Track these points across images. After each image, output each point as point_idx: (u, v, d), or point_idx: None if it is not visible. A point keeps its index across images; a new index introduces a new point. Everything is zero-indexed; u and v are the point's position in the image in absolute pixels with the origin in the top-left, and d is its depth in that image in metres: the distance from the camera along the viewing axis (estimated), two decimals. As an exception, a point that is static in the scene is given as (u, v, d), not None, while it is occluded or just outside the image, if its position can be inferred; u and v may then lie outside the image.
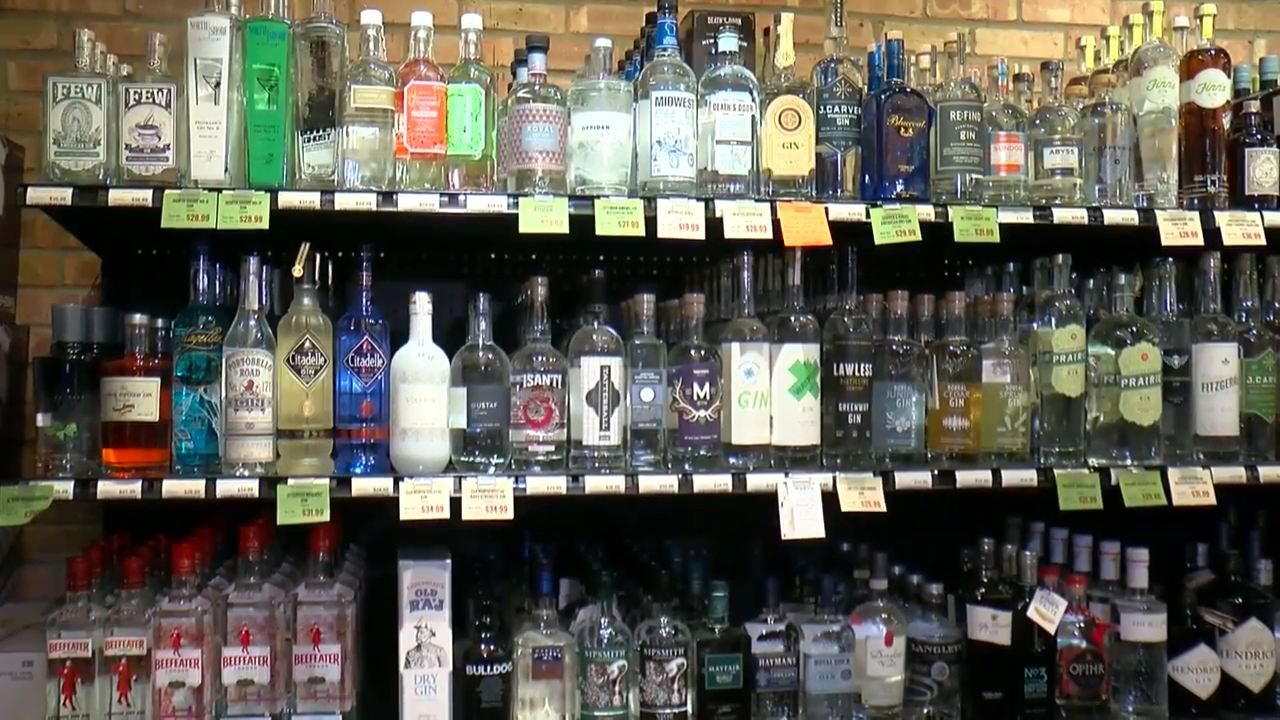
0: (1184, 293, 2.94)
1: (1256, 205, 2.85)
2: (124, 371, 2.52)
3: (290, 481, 2.47)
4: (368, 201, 2.51)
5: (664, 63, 2.66)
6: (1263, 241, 2.79)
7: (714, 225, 2.58)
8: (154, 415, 2.51)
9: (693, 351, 2.64)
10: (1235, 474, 2.79)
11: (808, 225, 2.58)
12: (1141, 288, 2.96)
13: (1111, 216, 2.76)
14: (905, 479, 2.66)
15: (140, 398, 2.50)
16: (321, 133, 2.57)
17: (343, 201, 2.50)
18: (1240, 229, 2.79)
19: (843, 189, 2.71)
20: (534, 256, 3.31)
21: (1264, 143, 2.87)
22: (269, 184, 2.50)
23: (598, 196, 2.58)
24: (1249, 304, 2.93)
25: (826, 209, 2.62)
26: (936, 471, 2.69)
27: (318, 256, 2.72)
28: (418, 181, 2.59)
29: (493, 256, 3.34)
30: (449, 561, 2.64)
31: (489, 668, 2.58)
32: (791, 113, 2.66)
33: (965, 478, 2.69)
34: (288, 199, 2.48)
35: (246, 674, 2.54)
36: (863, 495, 2.60)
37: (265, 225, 2.45)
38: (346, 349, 2.58)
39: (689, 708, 2.65)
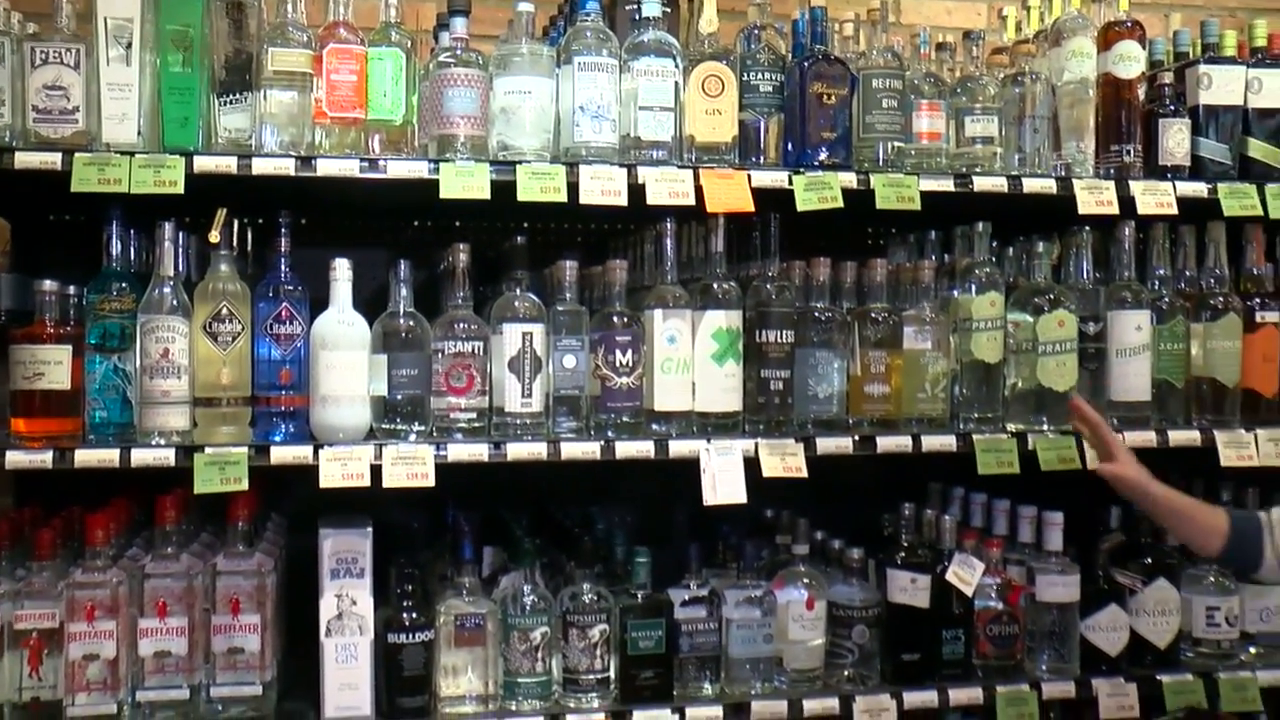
0: (1100, 261, 2.98)
1: (1169, 175, 2.90)
2: (34, 339, 2.47)
3: (208, 450, 2.44)
4: (286, 166, 2.47)
5: (587, 28, 2.64)
6: (1175, 211, 2.85)
7: (636, 191, 2.57)
8: (66, 384, 2.46)
9: (615, 318, 2.64)
10: (1147, 438, 2.84)
11: (730, 192, 2.59)
12: (1059, 256, 3.00)
13: (1030, 185, 2.79)
14: (827, 444, 2.68)
15: (51, 366, 2.45)
16: (238, 96, 2.52)
17: (260, 166, 2.46)
18: (1154, 198, 2.84)
19: (765, 156, 2.72)
20: (458, 223, 3.29)
21: (1177, 114, 2.92)
22: (184, 148, 2.45)
23: (520, 162, 2.56)
24: (1161, 272, 2.99)
25: (749, 176, 2.62)
26: (858, 437, 2.71)
27: (236, 223, 2.69)
28: (337, 146, 2.55)
29: (415, 223, 3.32)
30: (370, 530, 2.62)
31: (411, 635, 2.57)
32: (715, 79, 2.65)
33: (886, 443, 2.72)
34: (203, 163, 2.43)
35: (163, 645, 2.50)
36: (784, 461, 2.62)
37: (180, 190, 2.40)
38: (265, 316, 2.55)
39: (611, 673, 2.66)
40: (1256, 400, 2.95)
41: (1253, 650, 3.00)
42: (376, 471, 2.49)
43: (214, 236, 2.51)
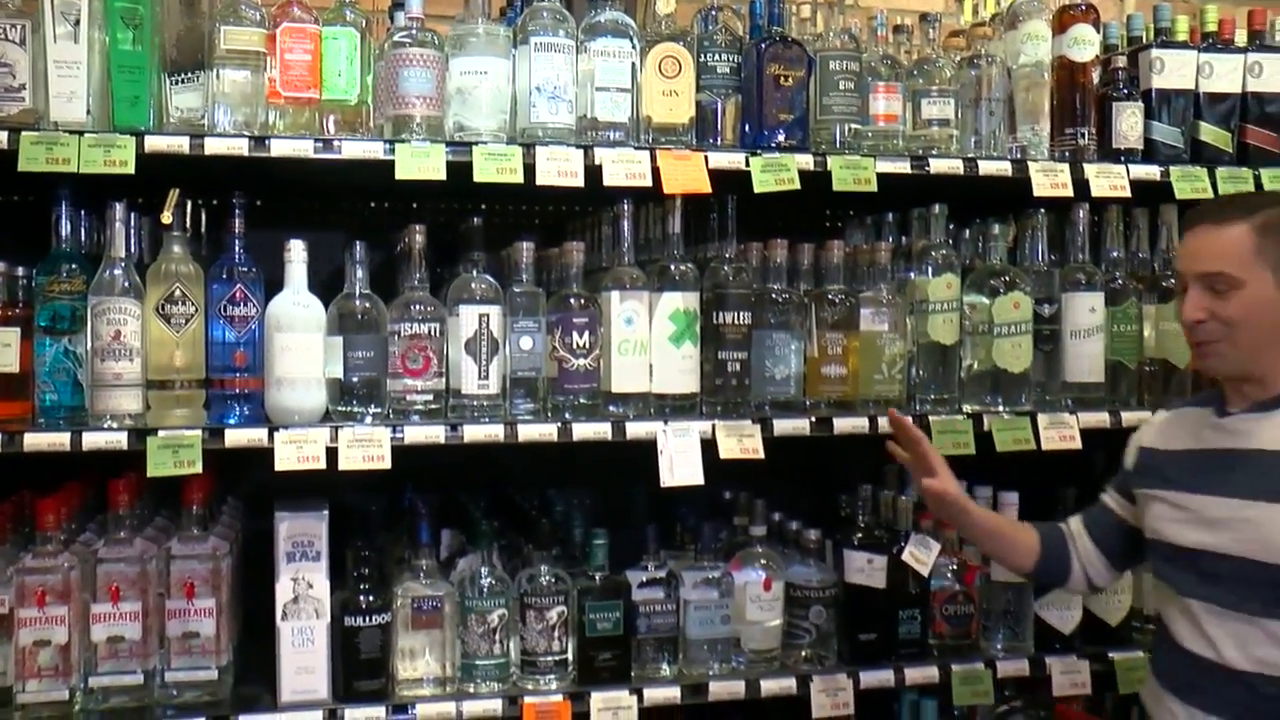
0: (1055, 243, 3.01)
1: (1123, 158, 2.92)
2: (-19, 321, 2.44)
3: (161, 433, 2.42)
4: (239, 146, 2.45)
5: (543, 8, 2.63)
6: (1128, 194, 2.87)
7: (593, 173, 2.56)
8: (14, 366, 2.43)
9: (572, 300, 2.63)
10: (1100, 419, 2.88)
11: (687, 173, 2.58)
12: (1015, 238, 3.02)
13: (986, 167, 2.81)
14: (784, 426, 2.69)
15: None
16: (190, 75, 2.49)
17: (213, 146, 2.44)
18: (1107, 181, 2.86)
19: (723, 137, 2.71)
20: (414, 205, 3.27)
21: (1130, 97, 2.94)
22: (134, 127, 2.42)
23: (476, 143, 2.55)
24: (1115, 254, 3.01)
25: (706, 157, 2.62)
26: (815, 419, 2.73)
27: (189, 204, 2.65)
28: (292, 127, 2.53)
29: (372, 205, 3.29)
30: (326, 512, 2.61)
31: (368, 618, 2.56)
32: (672, 60, 2.65)
33: (843, 425, 2.73)
34: (154, 143, 2.41)
35: (117, 631, 2.48)
36: (741, 442, 2.63)
37: (131, 170, 2.38)
38: (219, 298, 2.53)
39: (569, 655, 2.67)
40: (1207, 382, 2.97)
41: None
42: (332, 454, 2.48)
43: (166, 217, 2.48)
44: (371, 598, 2.59)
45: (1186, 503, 2.31)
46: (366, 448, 2.49)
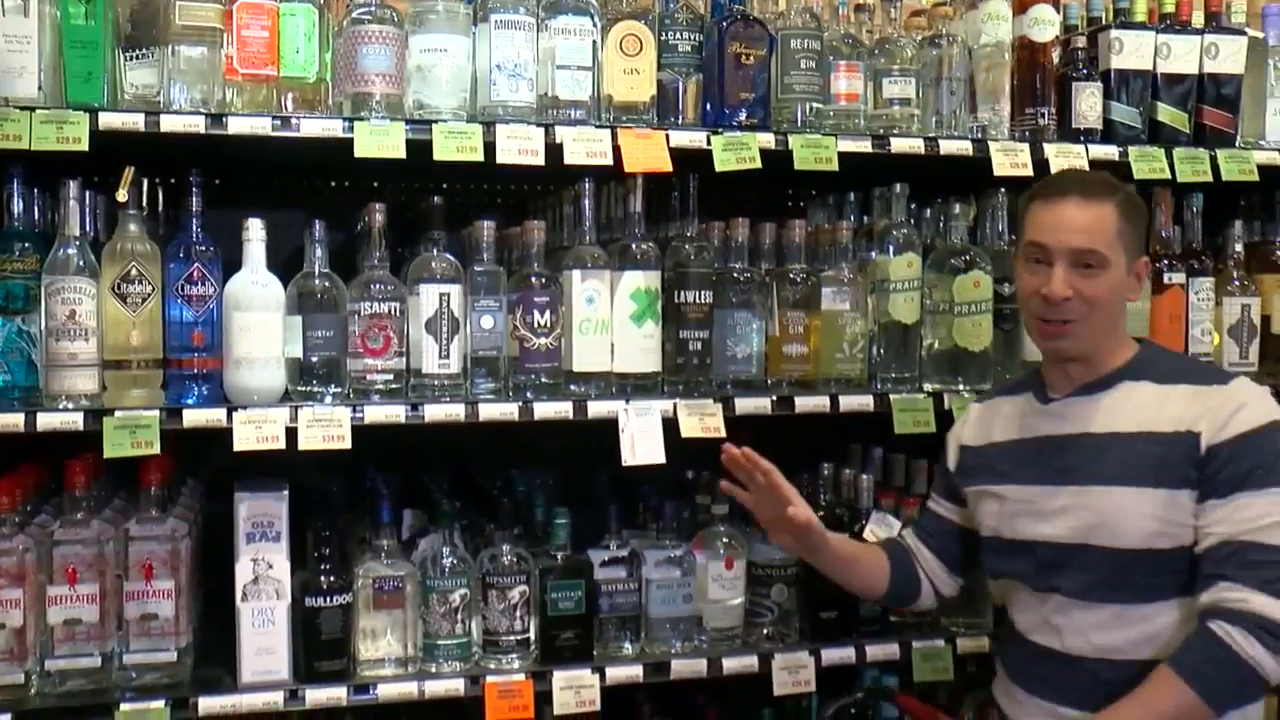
0: (1015, 223, 3.01)
1: (1082, 138, 2.94)
2: (-68, 301, 2.40)
3: (118, 413, 2.39)
4: (196, 124, 2.42)
5: (504, -15, 2.61)
6: (1088, 173, 2.89)
7: (554, 151, 2.55)
8: (-33, 346, 2.40)
9: (533, 278, 2.63)
10: (1060, 397, 2.89)
11: (648, 152, 2.58)
12: (975, 217, 3.03)
13: (947, 147, 2.82)
14: (745, 405, 2.70)
15: (-49, 328, 2.39)
16: (145, 51, 2.46)
17: (169, 123, 2.41)
18: (1067, 161, 2.87)
19: (684, 116, 2.71)
20: (375, 184, 3.25)
21: (1089, 77, 2.95)
22: (88, 104, 2.39)
23: (436, 121, 2.53)
24: (1075, 234, 3.02)
25: (667, 135, 2.62)
26: (776, 397, 2.73)
27: (146, 182, 2.62)
28: (249, 104, 2.50)
29: (332, 184, 3.27)
30: (286, 493, 2.59)
31: (329, 599, 2.55)
32: (633, 38, 2.64)
33: (804, 403, 2.74)
34: (109, 120, 2.37)
35: (74, 613, 2.45)
36: (703, 421, 2.63)
37: (85, 147, 2.35)
38: (176, 277, 2.50)
39: (532, 634, 2.67)
40: (1165, 359, 3.00)
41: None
42: (292, 434, 2.46)
43: (121, 195, 2.45)
44: (332, 578, 2.57)
45: (1021, 495, 2.30)
46: (326, 428, 2.48)
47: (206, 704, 2.47)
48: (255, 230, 2.55)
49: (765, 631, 2.83)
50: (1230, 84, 3.06)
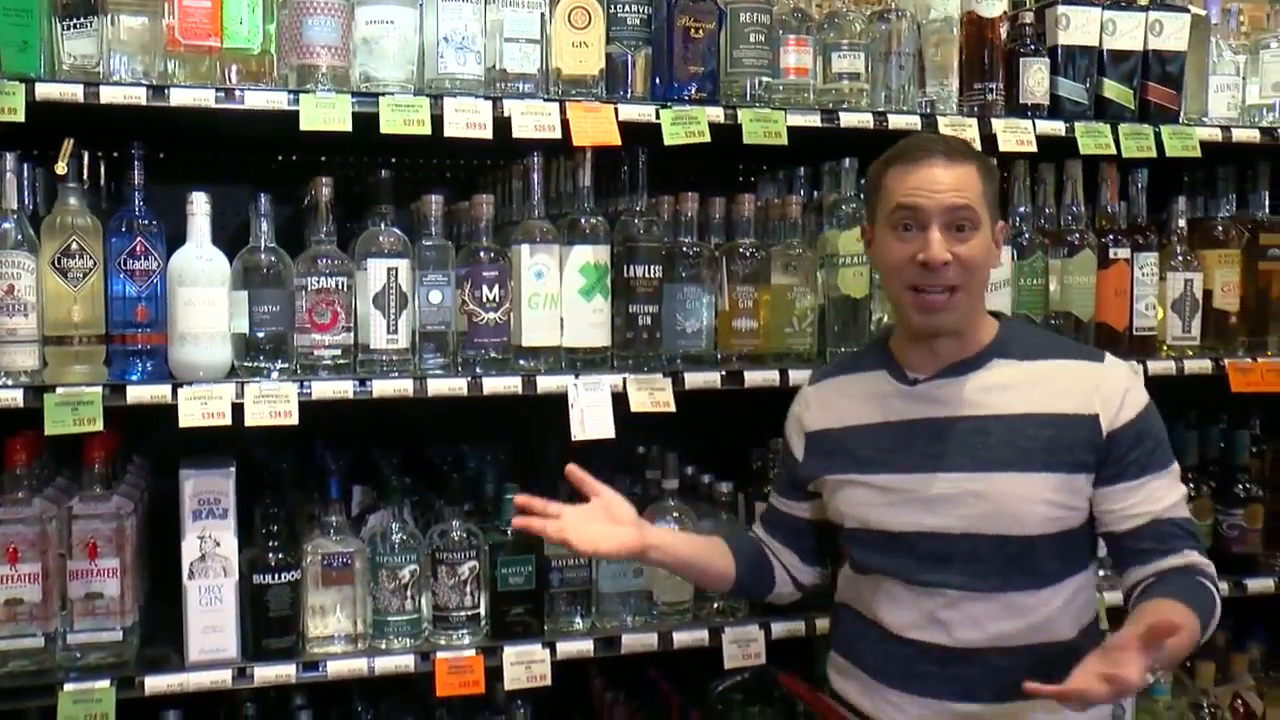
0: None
1: (1030, 114, 2.95)
2: None
3: (59, 390, 2.35)
4: (136, 95, 2.38)
5: (451, -44, 2.59)
6: (1034, 148, 2.90)
7: (502, 125, 2.54)
8: (-97, 322, 2.36)
9: (482, 253, 2.61)
10: (1006, 371, 2.92)
11: (597, 125, 2.57)
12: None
13: (896, 121, 2.82)
14: (695, 379, 2.70)
15: (-114, 304, 2.35)
16: (84, 20, 2.41)
17: (109, 95, 2.36)
18: (1014, 136, 2.89)
19: (633, 90, 2.70)
20: (323, 158, 3.22)
21: (1037, 53, 2.96)
22: (24, 74, 2.34)
23: (382, 94, 2.50)
24: (1022, 209, 3.04)
25: (616, 109, 2.60)
26: (726, 372, 2.74)
27: (86, 155, 2.59)
28: (192, 76, 2.46)
29: (279, 158, 3.23)
30: (233, 470, 2.57)
31: (276, 576, 2.53)
32: (581, 11, 2.62)
33: (754, 377, 2.75)
34: (46, 90, 2.33)
35: (15, 593, 2.42)
36: (652, 396, 2.64)
37: (21, 118, 2.30)
38: (118, 251, 2.46)
39: (482, 610, 2.67)
40: (1109, 333, 3.04)
41: (1101, 573, 3.08)
42: (238, 410, 2.44)
43: (60, 168, 2.41)
44: (280, 555, 2.56)
45: (895, 484, 2.19)
46: (273, 403, 2.46)
47: (153, 683, 2.45)
48: (199, 204, 2.52)
49: (716, 605, 2.84)
50: (1174, 61, 3.08)
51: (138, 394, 2.42)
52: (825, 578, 2.59)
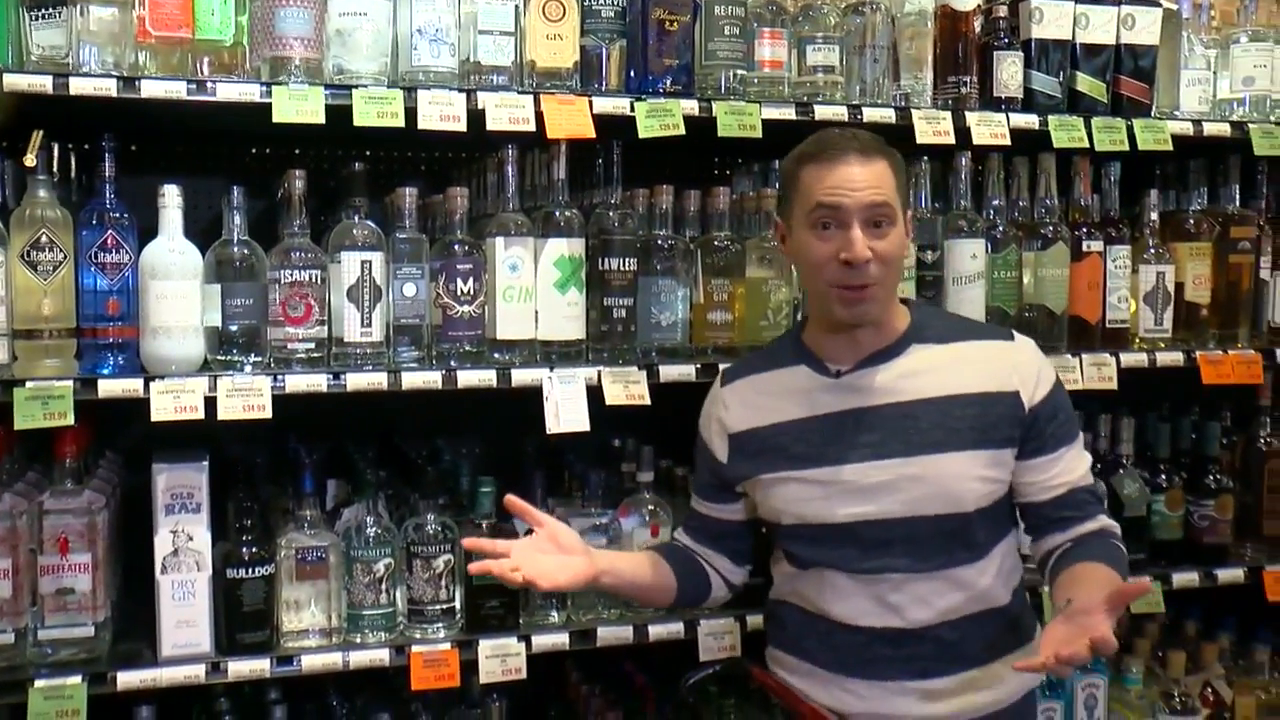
0: (938, 190, 3.04)
1: (1003, 107, 2.96)
2: None
3: (29, 384, 2.34)
4: (107, 87, 2.36)
5: (424, -52, 2.58)
6: (1008, 142, 2.91)
7: (476, 117, 2.53)
8: None
9: (456, 246, 2.61)
10: (980, 363, 2.93)
11: (571, 118, 2.56)
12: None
13: (870, 114, 2.83)
14: (670, 372, 2.70)
15: None
16: (52, 11, 2.39)
17: (79, 86, 2.34)
18: (988, 129, 2.90)
19: (608, 83, 2.69)
20: (297, 151, 3.20)
21: (1011, 46, 2.98)
22: (-9, 65, 2.33)
23: (356, 86, 2.49)
24: (997, 202, 3.06)
25: (591, 102, 2.60)
26: (700, 364, 2.74)
27: (56, 147, 2.57)
28: (163, 68, 2.44)
29: (252, 150, 3.21)
30: (206, 463, 2.56)
31: (250, 570, 2.52)
32: (555, 4, 2.62)
33: (728, 370, 2.75)
34: (14, 81, 2.30)
35: (-14, 588, 2.42)
36: (627, 389, 2.64)
37: (-11, 110, 2.29)
38: (89, 244, 2.44)
39: (457, 603, 2.66)
40: (1082, 326, 3.06)
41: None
42: (211, 404, 2.42)
43: (29, 160, 2.39)
44: (254, 549, 2.55)
45: (830, 476, 2.21)
46: (246, 397, 2.45)
47: (125, 678, 2.44)
48: (171, 196, 2.50)
49: (691, 598, 2.85)
50: (1146, 55, 3.10)
51: (109, 388, 2.40)
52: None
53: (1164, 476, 3.24)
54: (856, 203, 2.13)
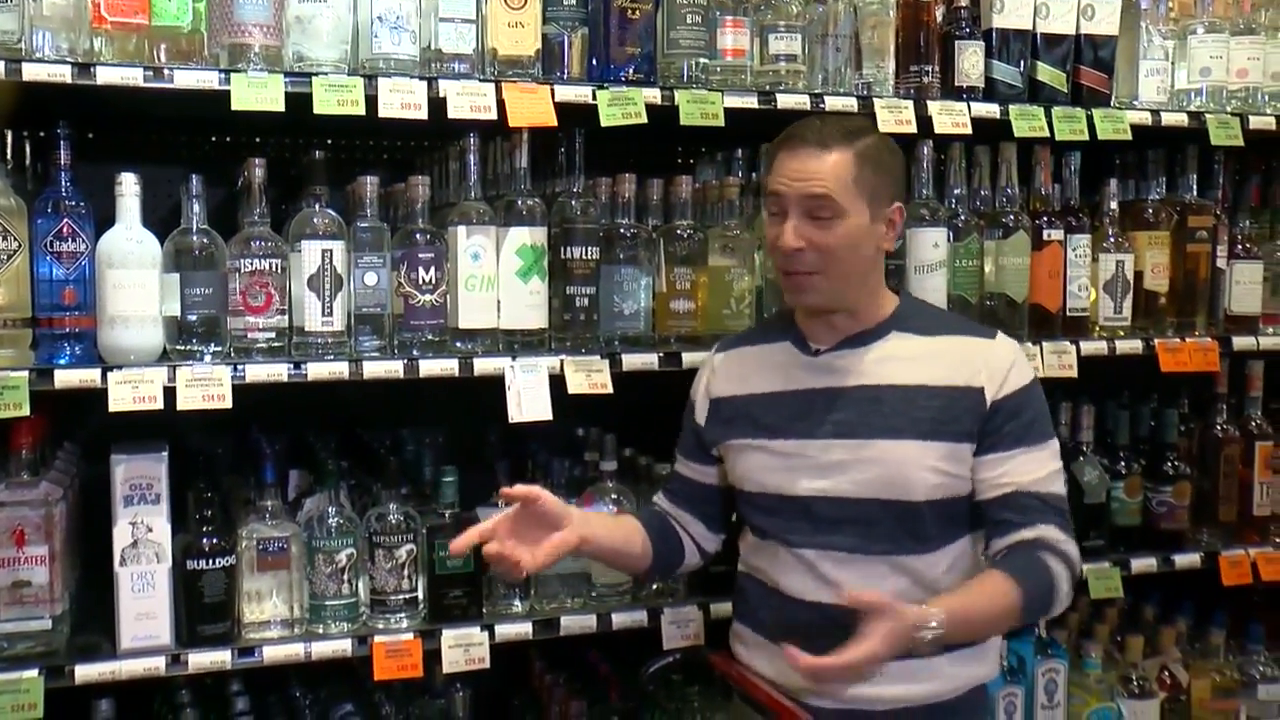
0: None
1: (965, 96, 2.97)
2: None
3: (-17, 375, 2.32)
4: (61, 73, 2.33)
5: (384, -65, 2.56)
6: (969, 131, 2.93)
7: (437, 105, 2.52)
8: None
9: (418, 235, 2.59)
10: (942, 352, 2.94)
11: (533, 106, 2.56)
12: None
13: (832, 103, 2.83)
14: (632, 361, 2.70)
15: None
16: (3, -4, 2.36)
17: (32, 72, 2.31)
18: (950, 118, 2.91)
19: (570, 71, 2.68)
20: (257, 139, 3.18)
21: (972, 36, 2.98)
22: (-59, 51, 2.29)
23: (316, 74, 2.47)
24: (958, 191, 3.07)
25: (553, 90, 2.59)
26: (663, 353, 2.74)
27: (10, 134, 2.54)
28: (119, 55, 2.41)
29: (212, 139, 3.18)
30: (165, 454, 2.53)
31: (211, 561, 2.51)
32: (517, -9, 2.61)
33: (691, 358, 2.74)
34: (-35, 68, 2.28)
35: (-59, 581, 2.39)
36: (590, 378, 2.63)
37: (-62, 97, 2.26)
38: (44, 233, 2.42)
39: (420, 593, 2.66)
40: (1043, 314, 3.08)
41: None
42: (170, 394, 2.40)
43: (-17, 148, 2.36)
44: (215, 540, 2.53)
45: (792, 449, 2.27)
46: (206, 387, 2.43)
47: (83, 671, 2.42)
48: (129, 185, 2.48)
49: (654, 586, 2.85)
50: (1106, 45, 3.12)
51: (66, 378, 2.37)
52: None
53: (1123, 463, 3.27)
54: (795, 193, 2.18)
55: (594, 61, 2.72)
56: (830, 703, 2.25)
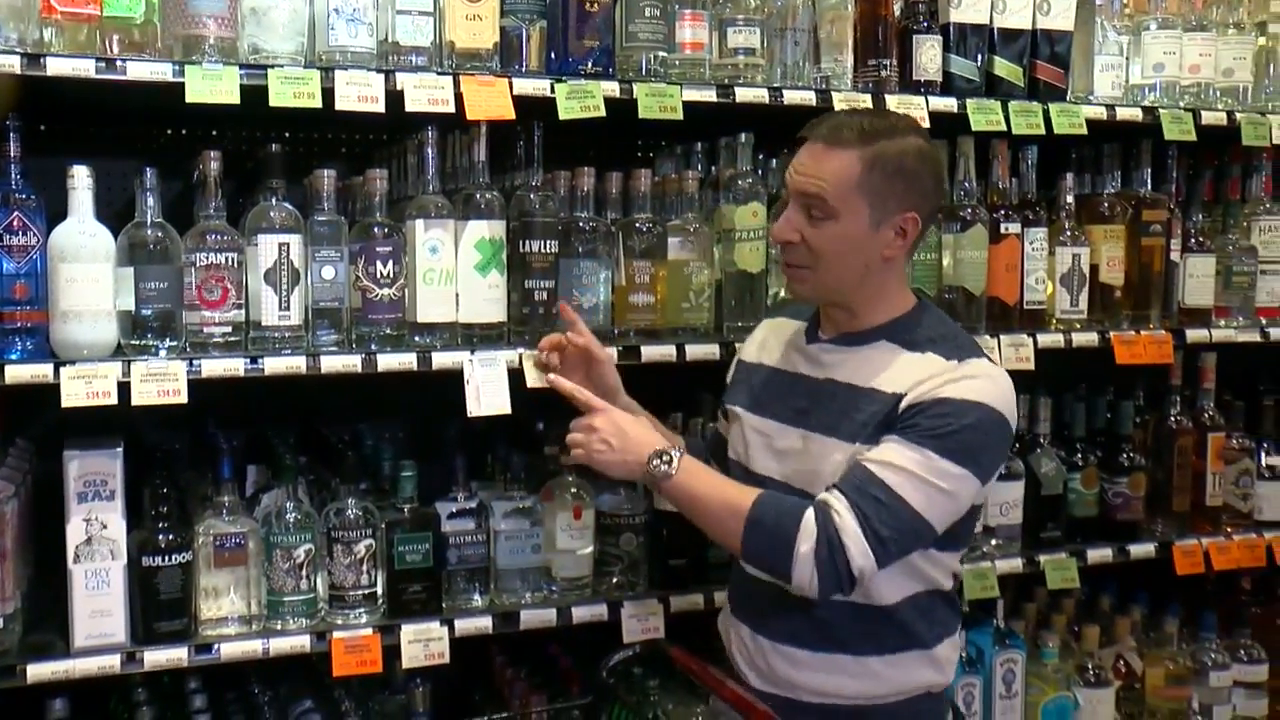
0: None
1: (923, 90, 2.99)
2: None
3: (-68, 370, 2.29)
4: (10, 64, 2.29)
5: (340, -75, 2.54)
6: (927, 124, 2.90)
7: (395, 98, 2.50)
8: None
9: (376, 229, 2.58)
10: (900, 345, 2.96)
11: (491, 99, 2.55)
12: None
13: (791, 97, 2.84)
14: (591, 354, 2.70)
15: None
16: (-51, -14, 2.33)
17: (-21, 62, 2.29)
18: (908, 112, 2.91)
19: (528, 64, 2.67)
20: (213, 132, 3.15)
21: (930, 30, 3.00)
22: (-115, 41, 2.25)
23: (271, 66, 2.45)
24: (916, 185, 3.08)
25: (511, 83, 2.58)
26: (623, 347, 2.74)
27: (-41, 127, 2.50)
28: (70, 46, 2.37)
29: (168, 131, 3.15)
30: (120, 450, 2.51)
31: (167, 558, 2.48)
32: (475, -17, 2.60)
33: (651, 352, 2.75)
34: (-91, 57, 2.25)
35: (-110, 580, 2.35)
36: (549, 371, 2.62)
37: (-115, 88, 2.22)
38: (-6, 226, 2.39)
39: (379, 588, 2.64)
40: (1001, 307, 3.10)
41: (994, 542, 3.17)
42: (125, 389, 2.38)
43: (-69, 140, 2.33)
44: (171, 536, 2.51)
45: (761, 427, 2.35)
46: (161, 382, 2.40)
47: (36, 671, 2.39)
48: (81, 178, 2.45)
49: (615, 580, 2.86)
50: (1062, 40, 3.14)
51: (17, 374, 2.34)
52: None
53: (1080, 455, 3.31)
54: (795, 186, 2.22)
55: (552, 54, 2.71)
56: (762, 684, 2.32)
